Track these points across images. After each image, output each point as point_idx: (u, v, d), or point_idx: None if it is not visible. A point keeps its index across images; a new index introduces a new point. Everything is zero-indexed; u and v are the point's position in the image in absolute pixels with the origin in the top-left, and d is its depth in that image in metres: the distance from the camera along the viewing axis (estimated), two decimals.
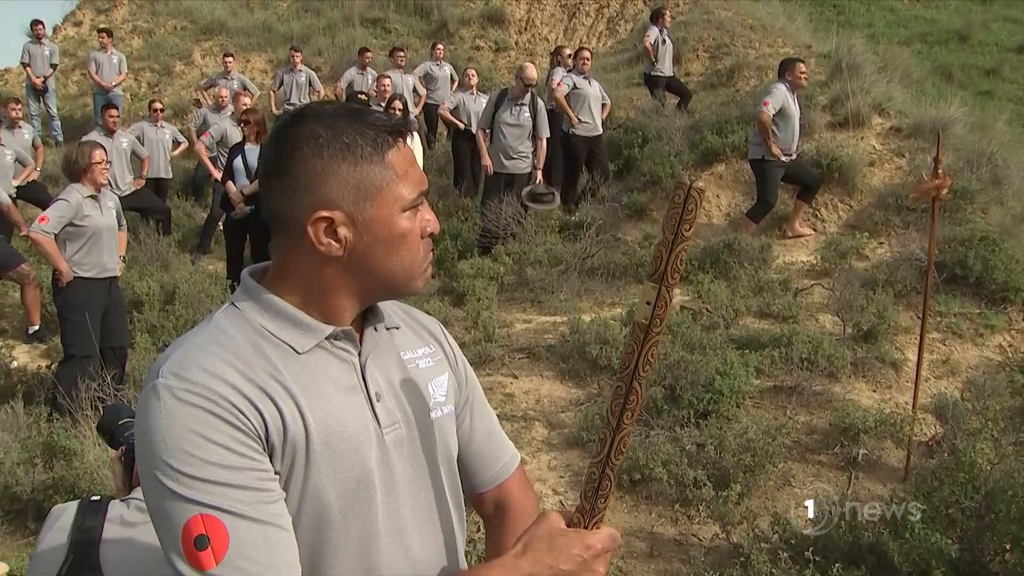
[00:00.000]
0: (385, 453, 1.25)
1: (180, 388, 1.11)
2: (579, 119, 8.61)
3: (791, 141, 7.61)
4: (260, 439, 1.13)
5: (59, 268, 5.33)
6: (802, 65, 7.75)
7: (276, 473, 1.15)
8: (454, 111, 9.72)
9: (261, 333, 1.21)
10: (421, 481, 1.31)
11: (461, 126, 9.53)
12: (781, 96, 7.51)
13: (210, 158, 9.56)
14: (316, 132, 1.21)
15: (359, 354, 1.28)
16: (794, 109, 7.62)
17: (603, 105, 8.99)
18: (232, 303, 1.26)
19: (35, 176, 8.86)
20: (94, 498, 2.11)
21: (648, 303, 1.13)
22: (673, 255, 1.11)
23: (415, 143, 7.68)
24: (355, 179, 1.20)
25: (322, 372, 1.23)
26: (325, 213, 1.19)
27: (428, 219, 1.27)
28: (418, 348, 1.40)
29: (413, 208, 1.24)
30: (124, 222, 5.89)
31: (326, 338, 1.24)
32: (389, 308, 1.39)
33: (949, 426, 4.89)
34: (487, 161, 8.09)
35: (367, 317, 1.32)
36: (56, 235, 5.30)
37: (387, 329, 1.36)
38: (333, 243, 1.21)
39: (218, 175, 9.00)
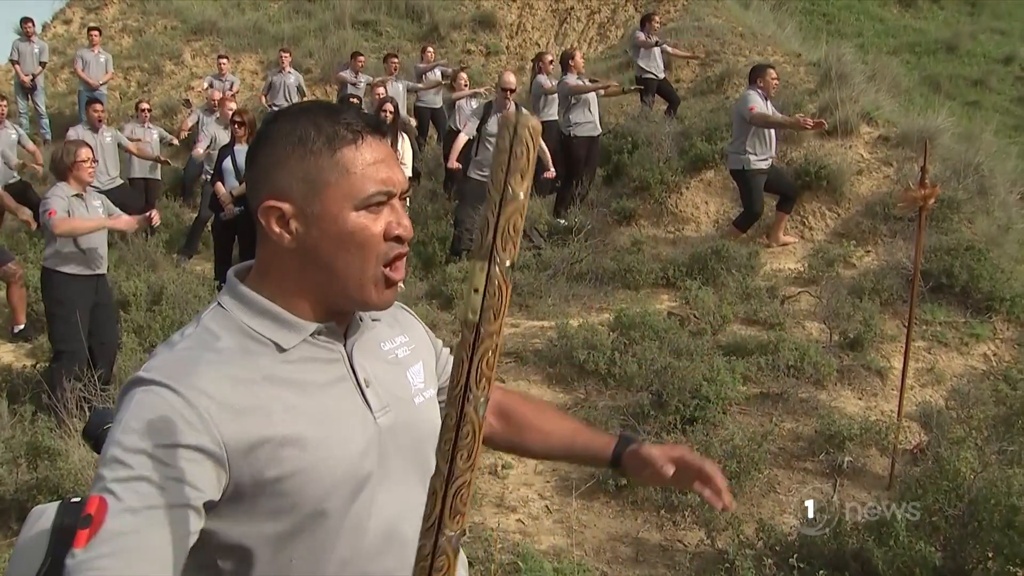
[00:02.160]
0: (379, 436, 1.28)
1: (154, 385, 1.14)
2: (580, 119, 8.75)
3: (769, 147, 7.60)
4: (211, 452, 1.13)
5: (104, 226, 5.42)
6: (772, 71, 7.73)
7: (210, 498, 1.14)
8: (443, 111, 9.73)
9: (247, 332, 1.23)
10: (412, 462, 1.34)
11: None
12: (757, 102, 7.50)
13: (193, 157, 9.62)
14: (280, 126, 1.25)
15: (344, 344, 1.31)
16: (770, 114, 7.60)
17: None
18: (218, 303, 1.28)
19: (40, 161, 8.93)
20: (75, 499, 2.10)
21: (476, 291, 0.87)
22: (503, 219, 0.84)
23: (405, 145, 7.66)
24: (303, 172, 1.21)
25: (309, 370, 1.25)
26: (274, 203, 1.22)
27: (393, 220, 1.25)
28: (396, 338, 1.42)
29: (369, 207, 1.22)
30: (118, 211, 5.86)
31: (311, 335, 1.26)
32: None
33: (933, 434, 4.92)
34: (453, 162, 8.18)
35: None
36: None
37: (372, 320, 1.38)
38: (285, 234, 1.23)
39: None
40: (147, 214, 5.84)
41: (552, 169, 8.24)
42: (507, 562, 3.72)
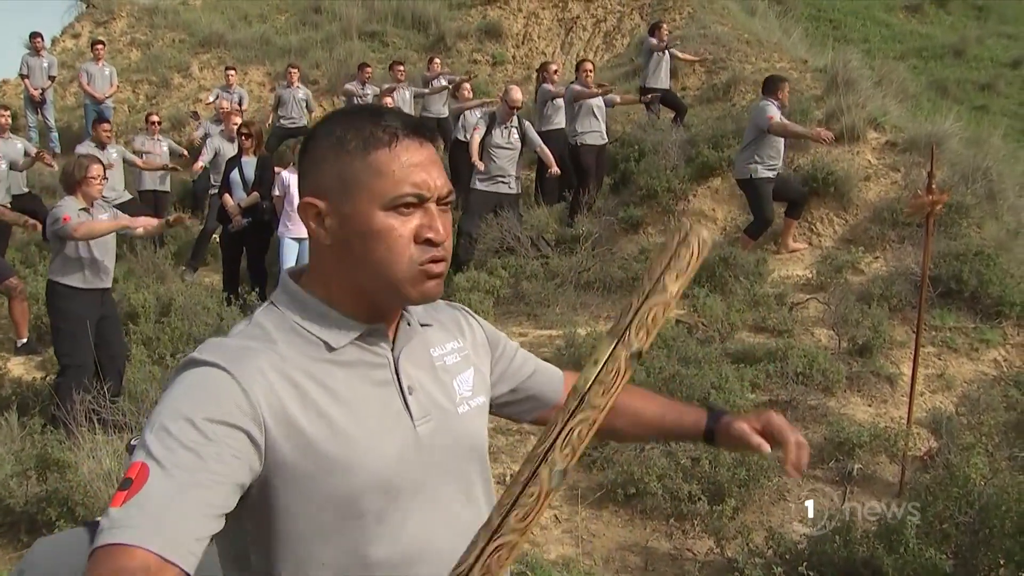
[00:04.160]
0: (417, 444, 1.28)
1: (208, 366, 1.18)
2: (587, 128, 8.80)
3: (779, 156, 7.61)
4: (254, 437, 1.15)
5: (123, 225, 5.43)
6: (787, 84, 7.80)
7: (251, 479, 1.16)
8: (448, 121, 9.75)
9: (297, 331, 1.26)
10: (451, 471, 1.33)
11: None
12: (776, 112, 7.51)
13: (204, 169, 9.65)
14: (324, 127, 1.29)
15: (392, 349, 1.32)
16: (789, 124, 7.61)
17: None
18: (271, 301, 1.33)
19: (47, 160, 8.92)
20: (99, 519, 2.10)
21: (596, 362, 0.90)
22: (646, 307, 0.87)
23: None
24: (338, 171, 1.25)
25: (354, 373, 1.27)
26: (312, 200, 1.26)
27: (424, 223, 1.25)
28: (447, 344, 1.43)
29: (397, 208, 1.23)
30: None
31: (359, 335, 1.28)
32: (418, 307, 1.41)
33: (944, 441, 4.91)
34: (476, 160, 7.96)
35: (401, 314, 1.36)
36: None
37: (421, 325, 1.39)
38: (321, 230, 1.26)
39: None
40: (168, 218, 5.90)
41: (556, 168, 8.21)
42: (516, 572, 3.71)
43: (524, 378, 1.61)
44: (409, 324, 1.36)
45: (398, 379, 1.30)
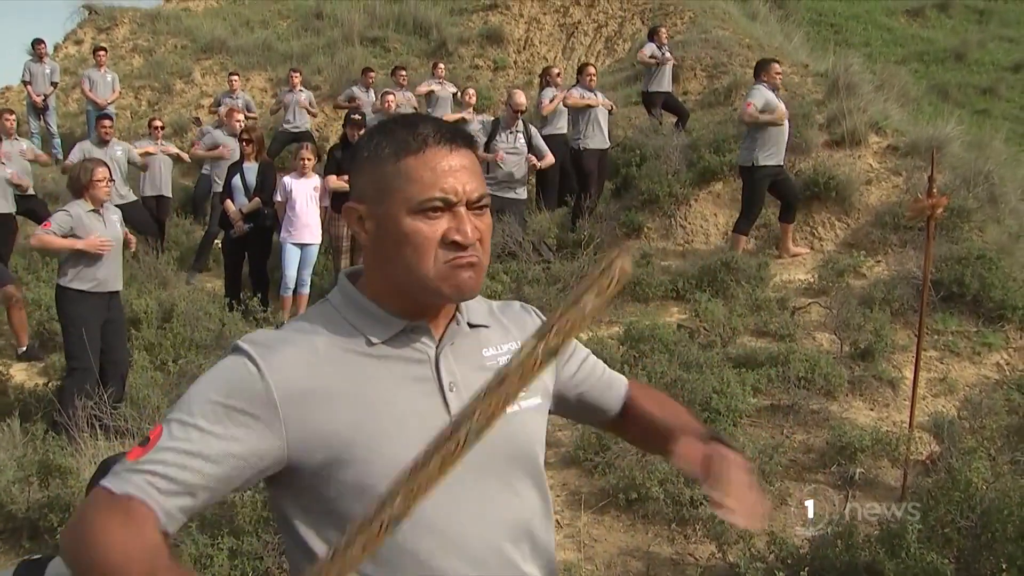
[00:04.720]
0: None
1: (242, 354, 1.28)
2: (589, 132, 8.80)
3: (783, 143, 7.59)
4: (270, 424, 1.24)
5: (79, 247, 5.38)
6: (776, 65, 7.79)
7: (256, 462, 1.24)
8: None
9: (342, 325, 1.34)
10: (491, 469, 1.35)
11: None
12: (762, 96, 7.49)
13: (203, 175, 9.63)
14: (367, 135, 1.38)
15: (436, 347, 1.36)
16: (781, 108, 7.60)
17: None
18: (326, 297, 1.42)
19: (45, 160, 8.97)
20: (34, 556, 2.13)
21: (521, 351, 1.02)
22: (565, 317, 1.00)
23: None
24: (374, 177, 1.32)
25: (391, 366, 1.33)
26: (353, 204, 1.36)
27: (452, 227, 1.29)
28: (503, 345, 1.46)
29: (425, 212, 1.28)
30: (126, 230, 5.95)
31: (401, 331, 1.34)
32: (478, 307, 1.47)
33: (946, 445, 4.89)
34: (486, 156, 7.86)
35: (454, 314, 1.41)
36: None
37: (472, 326, 1.43)
38: (362, 232, 1.35)
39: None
40: (128, 239, 6.00)
41: (536, 161, 8.16)
42: None
43: (589, 387, 1.61)
44: (458, 324, 1.40)
45: (438, 376, 1.34)
